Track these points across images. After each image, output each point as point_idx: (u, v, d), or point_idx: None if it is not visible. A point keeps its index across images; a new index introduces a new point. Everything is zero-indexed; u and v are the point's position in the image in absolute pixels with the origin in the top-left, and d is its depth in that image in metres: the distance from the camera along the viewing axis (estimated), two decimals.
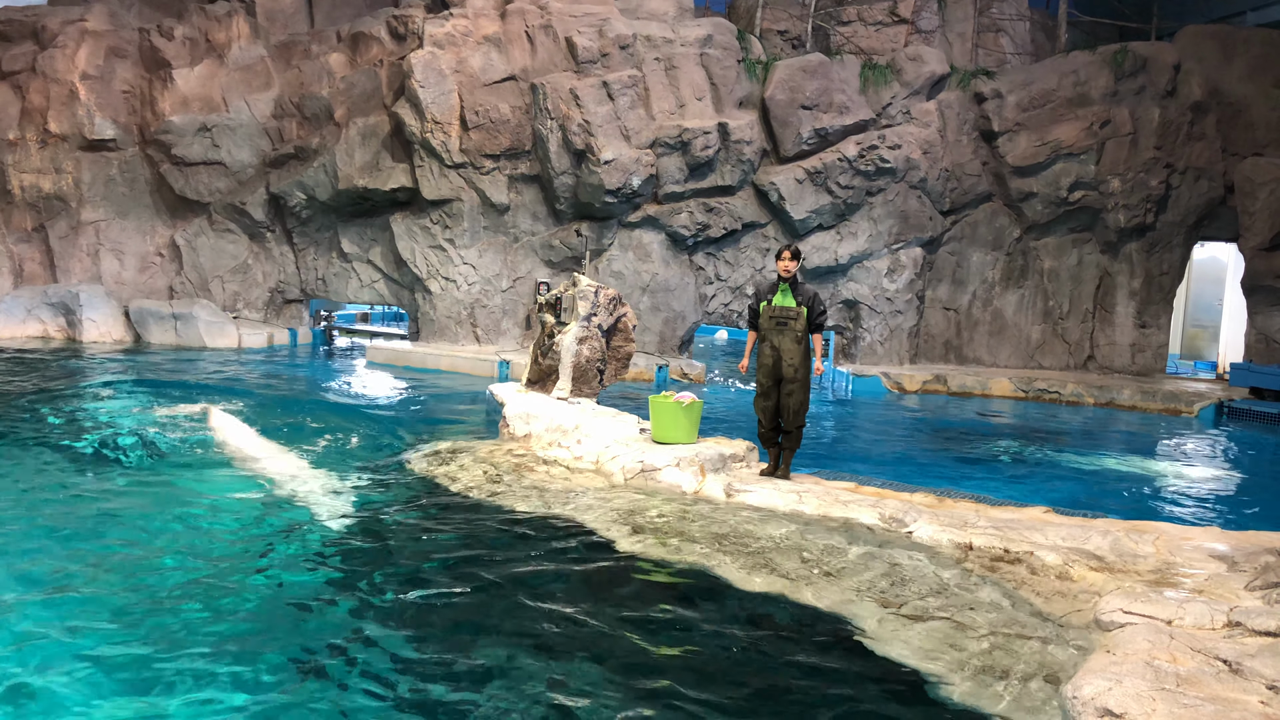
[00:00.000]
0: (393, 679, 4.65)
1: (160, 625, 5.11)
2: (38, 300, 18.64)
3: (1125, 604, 5.05)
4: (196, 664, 4.70)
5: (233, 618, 5.27)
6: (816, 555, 6.42)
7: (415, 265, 18.34)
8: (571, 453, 8.90)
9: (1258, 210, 17.44)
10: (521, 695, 4.49)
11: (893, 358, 18.69)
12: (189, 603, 5.45)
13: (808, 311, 7.98)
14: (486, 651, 4.98)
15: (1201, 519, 8.86)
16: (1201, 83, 18.43)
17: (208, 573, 5.97)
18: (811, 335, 8.05)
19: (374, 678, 4.66)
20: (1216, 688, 4.06)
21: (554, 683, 4.60)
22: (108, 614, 5.22)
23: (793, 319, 7.97)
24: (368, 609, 5.49)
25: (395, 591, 5.75)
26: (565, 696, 4.46)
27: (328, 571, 6.11)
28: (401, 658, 4.89)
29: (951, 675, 4.81)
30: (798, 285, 8.06)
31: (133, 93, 19.39)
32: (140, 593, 5.57)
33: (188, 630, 5.07)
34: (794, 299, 8.00)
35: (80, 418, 10.58)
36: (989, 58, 20.38)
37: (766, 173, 17.81)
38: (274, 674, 4.67)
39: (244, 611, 5.38)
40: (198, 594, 5.59)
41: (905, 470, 10.44)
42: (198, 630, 5.08)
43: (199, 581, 5.80)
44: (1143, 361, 18.89)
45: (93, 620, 5.12)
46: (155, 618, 5.22)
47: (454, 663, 4.85)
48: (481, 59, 17.59)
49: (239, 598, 5.58)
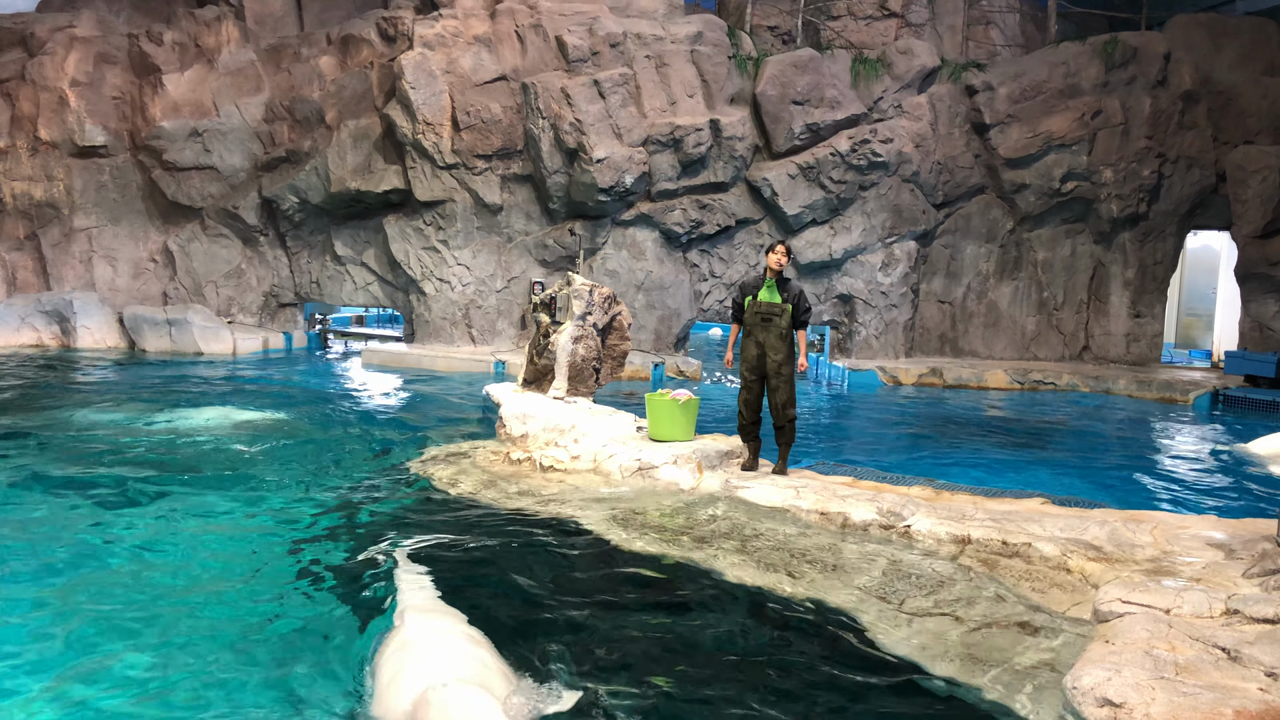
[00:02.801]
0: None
1: (157, 635, 5.11)
2: (31, 308, 18.58)
3: (1123, 594, 5.06)
4: (204, 672, 4.70)
5: (234, 630, 5.26)
6: (814, 550, 6.43)
7: (409, 267, 18.32)
8: (569, 452, 8.89)
9: (1250, 198, 17.48)
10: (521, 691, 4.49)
11: (888, 351, 18.71)
12: (192, 614, 5.44)
13: (793, 308, 8.00)
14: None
15: (1198, 507, 8.87)
16: (1192, 72, 18.47)
17: (208, 590, 5.96)
18: (795, 332, 8.08)
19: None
20: (1215, 675, 4.07)
21: (552, 679, 4.60)
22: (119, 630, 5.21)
23: (778, 315, 7.98)
24: (366, 612, 5.49)
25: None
26: (565, 691, 4.46)
27: (326, 579, 6.11)
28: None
29: (950, 668, 4.81)
30: (784, 282, 8.07)
31: (123, 99, 19.34)
32: (136, 607, 5.56)
33: (194, 644, 5.06)
34: (780, 295, 8.01)
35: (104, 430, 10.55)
36: (979, 50, 20.40)
37: (759, 169, 17.81)
38: (274, 683, 4.66)
39: (243, 622, 5.37)
40: (197, 610, 5.58)
41: (902, 464, 10.45)
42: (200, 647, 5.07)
43: (202, 588, 5.79)
44: (1137, 351, 18.92)
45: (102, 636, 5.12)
46: (153, 630, 5.21)
47: None
48: (472, 59, 17.57)
49: (240, 609, 5.57)
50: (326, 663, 4.84)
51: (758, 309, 8.03)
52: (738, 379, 8.46)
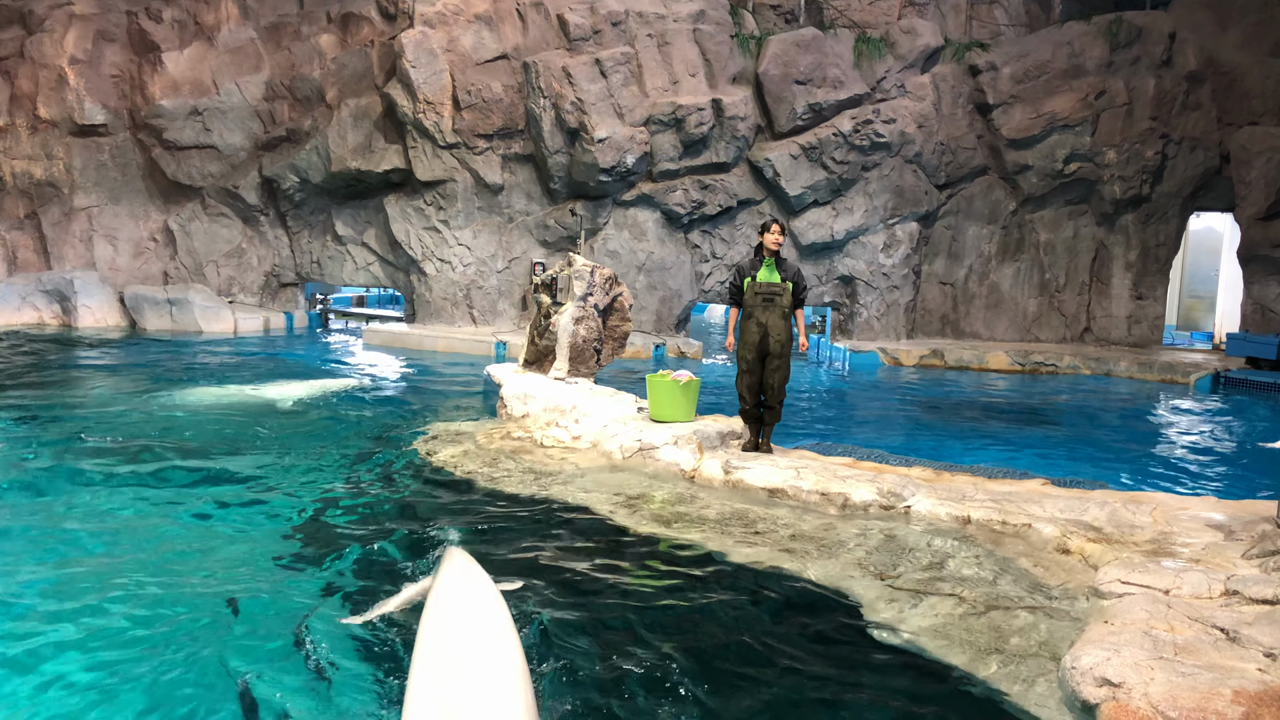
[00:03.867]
0: (391, 665, 4.66)
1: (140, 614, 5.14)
2: (32, 288, 18.57)
3: (1123, 574, 5.08)
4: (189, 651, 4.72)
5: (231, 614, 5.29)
6: (814, 530, 6.44)
7: (410, 247, 18.28)
8: (570, 432, 8.90)
9: (1253, 179, 17.42)
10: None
11: (889, 333, 18.69)
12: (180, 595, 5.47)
13: (793, 287, 8.02)
14: None
15: (1198, 489, 8.89)
16: (1197, 52, 18.35)
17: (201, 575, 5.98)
18: (794, 312, 8.10)
19: (372, 663, 4.68)
20: (1214, 656, 4.09)
21: (555, 657, 4.62)
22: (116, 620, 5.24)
23: (779, 295, 8.00)
24: (366, 595, 5.51)
25: (396, 577, 5.76)
26: (563, 668, 4.48)
27: (322, 560, 6.13)
28: (398, 644, 4.90)
29: (949, 648, 4.83)
30: (782, 262, 8.09)
31: (122, 77, 19.25)
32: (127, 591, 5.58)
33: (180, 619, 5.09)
34: (779, 275, 8.03)
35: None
36: (983, 30, 20.26)
37: (761, 149, 17.74)
38: (278, 661, 4.69)
39: (243, 604, 5.39)
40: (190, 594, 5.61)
41: (903, 445, 10.47)
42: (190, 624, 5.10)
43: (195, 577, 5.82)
44: (1139, 333, 18.91)
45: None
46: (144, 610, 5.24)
47: None
48: (473, 38, 17.47)
49: (236, 592, 5.59)
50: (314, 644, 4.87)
51: (758, 290, 8.03)
52: (734, 362, 8.47)
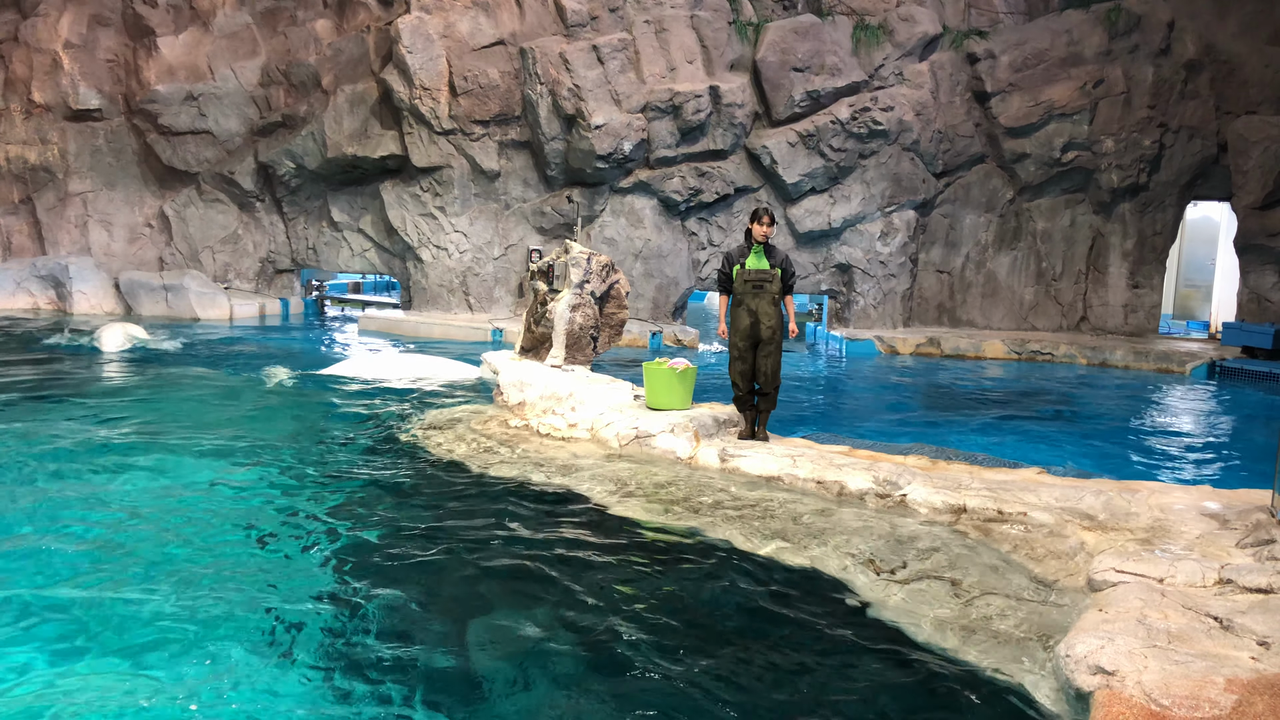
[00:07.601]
0: (388, 652, 4.67)
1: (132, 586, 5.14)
2: (27, 273, 18.53)
3: (1118, 563, 5.09)
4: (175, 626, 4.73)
5: (218, 588, 5.29)
6: (810, 518, 6.45)
7: (406, 234, 18.25)
8: (566, 420, 8.90)
9: (1250, 169, 17.41)
10: (518, 657, 4.53)
11: (886, 321, 18.70)
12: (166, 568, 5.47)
13: (781, 273, 8.05)
14: (483, 620, 5.01)
15: (1193, 478, 8.91)
16: (1195, 40, 18.31)
17: (184, 548, 5.98)
18: (785, 298, 8.13)
19: (369, 647, 4.68)
20: (1208, 644, 4.10)
21: (550, 644, 4.63)
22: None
23: (768, 281, 8.05)
24: (360, 579, 5.51)
25: (390, 562, 5.77)
26: (557, 659, 4.49)
27: (319, 545, 6.13)
28: (397, 630, 4.91)
29: (944, 636, 4.85)
30: (770, 248, 8.14)
31: (117, 61, 19.16)
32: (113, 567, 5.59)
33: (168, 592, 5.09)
34: (768, 261, 8.07)
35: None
36: (981, 17, 20.17)
37: (758, 136, 17.70)
38: (264, 647, 4.70)
39: (232, 584, 5.39)
40: (177, 564, 5.61)
41: (899, 433, 10.48)
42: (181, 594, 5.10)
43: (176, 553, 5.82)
44: (1135, 322, 18.92)
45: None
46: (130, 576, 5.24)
47: (449, 632, 4.88)
48: (469, 23, 17.39)
49: (218, 568, 5.59)
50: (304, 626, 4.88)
51: (748, 277, 8.07)
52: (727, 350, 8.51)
